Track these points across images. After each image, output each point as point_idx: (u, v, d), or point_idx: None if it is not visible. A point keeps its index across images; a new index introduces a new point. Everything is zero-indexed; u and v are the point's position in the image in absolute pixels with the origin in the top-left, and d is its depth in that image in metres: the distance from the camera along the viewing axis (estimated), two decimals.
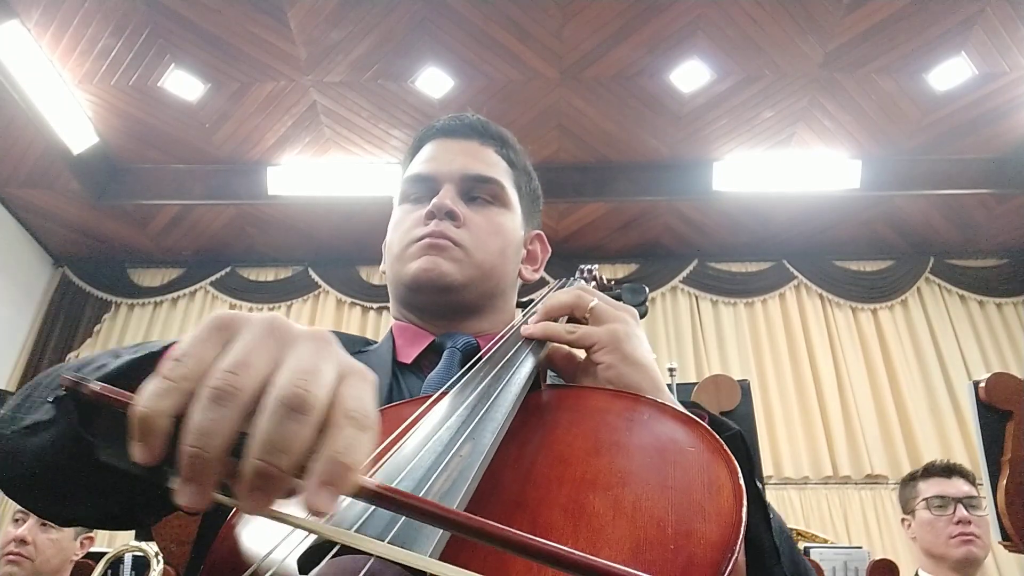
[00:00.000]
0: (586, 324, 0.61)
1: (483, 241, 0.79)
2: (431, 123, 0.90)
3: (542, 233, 0.93)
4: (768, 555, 0.51)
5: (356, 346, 0.80)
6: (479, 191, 0.82)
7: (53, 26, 3.31)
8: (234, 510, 0.40)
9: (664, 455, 0.41)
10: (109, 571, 2.12)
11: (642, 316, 0.76)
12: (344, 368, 0.33)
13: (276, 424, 0.29)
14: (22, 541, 1.98)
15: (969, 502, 2.01)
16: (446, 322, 0.79)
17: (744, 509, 0.35)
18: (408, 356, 0.77)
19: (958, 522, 1.98)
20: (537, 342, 0.61)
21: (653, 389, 0.56)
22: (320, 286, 4.70)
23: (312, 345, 0.33)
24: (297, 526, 0.30)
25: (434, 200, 0.78)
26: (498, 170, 0.85)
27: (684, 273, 4.66)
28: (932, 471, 2.13)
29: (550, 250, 0.94)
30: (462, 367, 0.70)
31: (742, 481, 0.37)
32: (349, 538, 0.29)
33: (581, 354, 0.61)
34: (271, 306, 4.66)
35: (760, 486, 0.54)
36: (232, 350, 0.31)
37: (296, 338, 0.33)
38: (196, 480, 0.28)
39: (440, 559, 0.30)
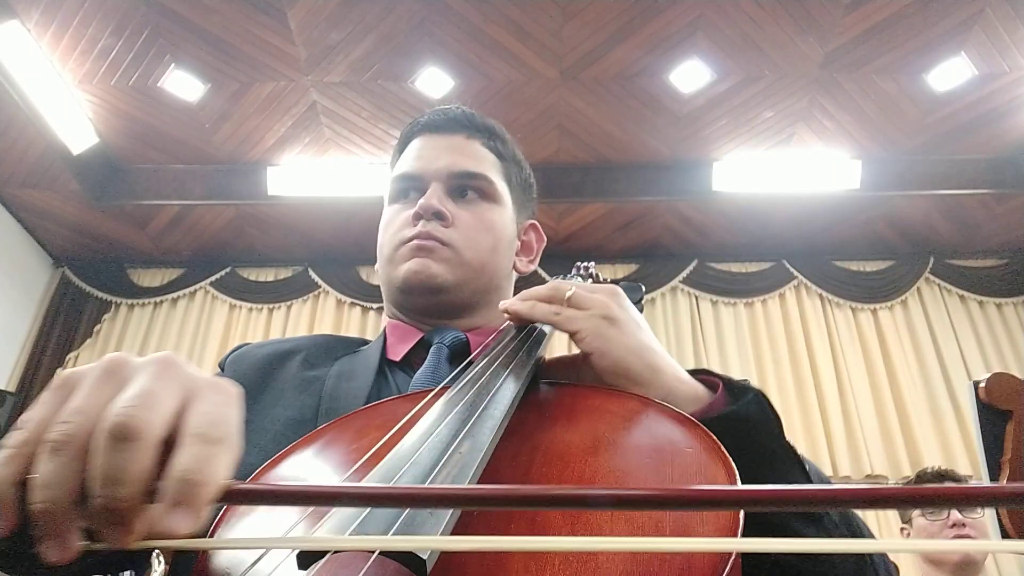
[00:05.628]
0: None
1: (473, 239, 0.78)
2: (416, 118, 0.88)
3: (536, 223, 0.92)
4: (817, 512, 0.49)
5: (352, 347, 0.81)
6: (467, 188, 0.81)
7: (53, 26, 3.31)
8: (223, 510, 0.40)
9: (662, 455, 0.41)
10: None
11: None
12: (191, 387, 0.33)
13: (107, 457, 0.29)
14: None
15: None
16: (438, 321, 0.79)
17: (742, 511, 0.35)
18: (398, 353, 0.77)
19: (953, 525, 2.00)
20: (535, 340, 0.61)
21: (648, 372, 0.54)
22: (320, 286, 4.70)
23: (149, 373, 0.33)
24: (281, 546, 0.31)
25: (420, 201, 0.78)
26: (486, 164, 0.84)
27: (684, 273, 4.66)
28: (924, 478, 2.20)
29: (545, 239, 0.93)
30: (450, 363, 0.70)
31: (739, 482, 0.37)
32: (342, 543, 0.29)
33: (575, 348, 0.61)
34: (271, 306, 4.66)
35: (789, 443, 0.52)
36: (67, 403, 0.32)
37: (133, 371, 0.33)
38: (54, 535, 0.29)
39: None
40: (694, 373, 0.59)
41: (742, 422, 0.50)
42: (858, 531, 0.53)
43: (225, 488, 0.30)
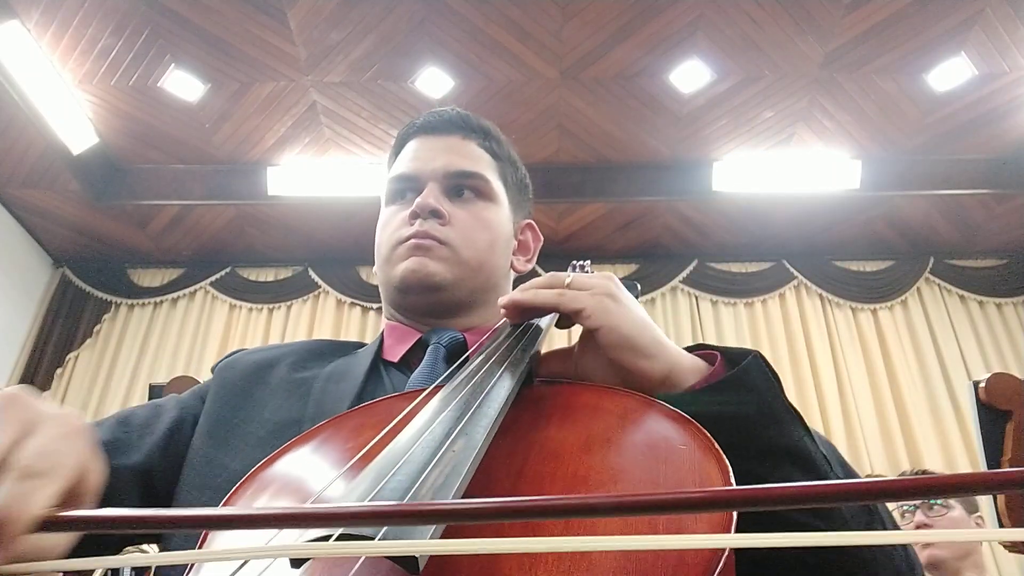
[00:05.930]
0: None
1: (470, 238, 0.78)
2: (412, 121, 0.89)
3: (533, 222, 0.93)
4: (820, 464, 0.52)
5: (348, 350, 0.81)
6: (463, 187, 0.81)
7: (53, 26, 3.31)
8: None
9: (656, 452, 0.41)
10: (109, 572, 2.12)
11: None
12: (31, 421, 0.35)
13: None
14: None
15: (927, 506, 2.05)
16: (437, 320, 0.79)
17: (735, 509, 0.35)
18: (395, 354, 0.77)
19: (918, 527, 2.01)
20: (529, 338, 0.61)
21: (655, 345, 0.56)
22: (320, 286, 4.70)
23: None
24: (263, 555, 0.31)
25: (417, 200, 0.78)
26: (481, 164, 0.84)
27: (684, 273, 4.66)
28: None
29: (542, 239, 0.93)
30: (447, 363, 0.70)
31: (733, 480, 0.37)
32: (326, 550, 0.29)
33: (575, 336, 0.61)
34: (271, 306, 4.66)
35: (790, 403, 0.55)
36: None
37: None
38: None
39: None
40: (690, 349, 0.61)
41: (745, 383, 0.52)
42: (876, 512, 0.55)
43: (43, 519, 0.31)
